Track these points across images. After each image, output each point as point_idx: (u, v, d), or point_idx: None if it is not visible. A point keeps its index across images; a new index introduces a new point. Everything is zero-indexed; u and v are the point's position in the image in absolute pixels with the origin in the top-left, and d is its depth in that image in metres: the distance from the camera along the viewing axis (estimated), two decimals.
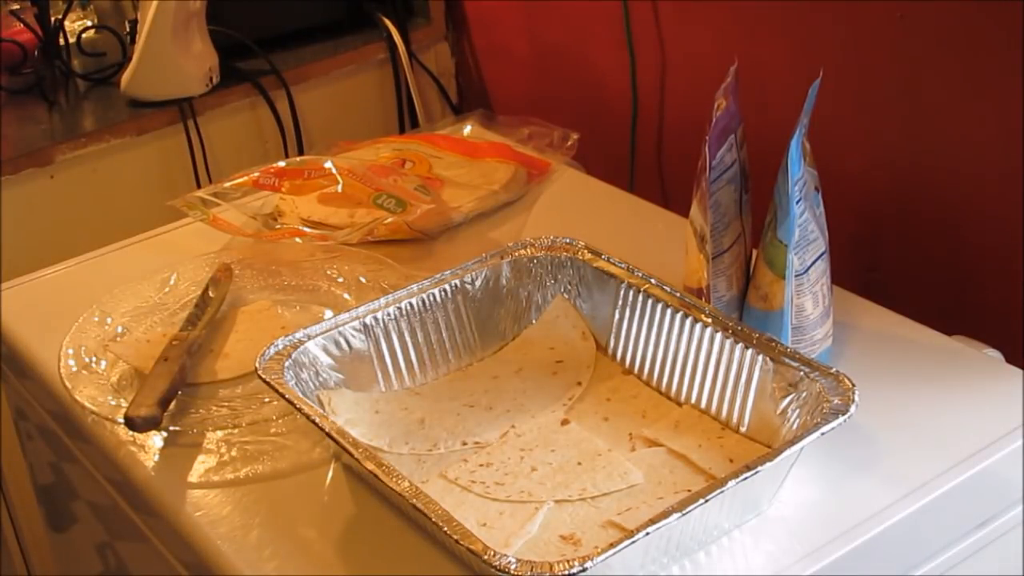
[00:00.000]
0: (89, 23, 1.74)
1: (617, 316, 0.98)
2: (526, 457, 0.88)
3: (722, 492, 0.75)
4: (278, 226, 1.25)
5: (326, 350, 0.93)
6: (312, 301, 1.11)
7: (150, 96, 1.59)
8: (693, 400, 0.93)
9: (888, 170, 1.21)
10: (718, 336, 0.91)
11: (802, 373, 0.85)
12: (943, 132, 1.13)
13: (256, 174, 1.26)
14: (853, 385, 0.82)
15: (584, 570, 0.69)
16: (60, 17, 1.67)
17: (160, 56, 1.56)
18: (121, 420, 0.94)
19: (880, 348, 1.02)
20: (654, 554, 0.77)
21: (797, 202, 0.91)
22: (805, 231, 0.92)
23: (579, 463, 0.87)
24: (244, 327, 1.08)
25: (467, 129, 1.44)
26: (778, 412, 0.86)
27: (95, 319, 1.09)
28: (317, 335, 0.92)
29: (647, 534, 0.71)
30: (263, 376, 0.88)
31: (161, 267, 1.16)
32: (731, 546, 0.81)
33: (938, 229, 1.17)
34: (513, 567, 0.70)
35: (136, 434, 0.95)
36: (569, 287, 1.02)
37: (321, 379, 0.92)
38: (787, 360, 0.86)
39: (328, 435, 0.82)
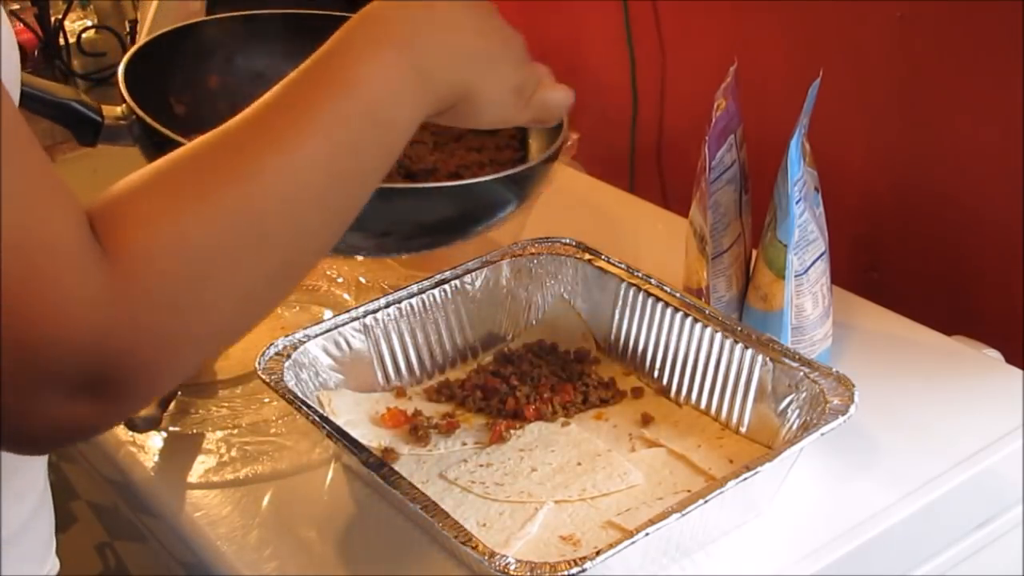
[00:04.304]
0: (89, 23, 1.74)
1: (617, 316, 0.98)
2: (526, 457, 0.88)
3: (722, 493, 0.75)
4: None
5: (326, 350, 0.93)
6: (312, 301, 1.12)
7: None
8: (693, 400, 0.93)
9: (888, 170, 1.21)
10: (718, 336, 0.91)
11: (802, 373, 0.85)
12: (943, 132, 1.13)
13: None
14: (853, 385, 0.82)
15: (583, 570, 0.69)
16: (60, 17, 1.67)
17: None
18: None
19: (880, 348, 1.02)
20: (654, 555, 0.77)
21: (797, 202, 0.91)
22: (805, 231, 0.92)
23: (579, 463, 0.87)
24: None
25: None
26: (778, 412, 0.86)
27: None
28: (317, 335, 0.92)
29: (647, 535, 0.71)
30: (263, 376, 0.88)
31: None
32: (731, 546, 0.81)
33: (938, 229, 1.17)
34: (513, 567, 0.70)
35: (136, 434, 0.95)
36: (569, 287, 1.02)
37: (321, 379, 0.92)
38: (787, 360, 0.86)
39: (328, 435, 0.82)
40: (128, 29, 1.69)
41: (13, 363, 0.44)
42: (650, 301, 0.96)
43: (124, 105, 0.85)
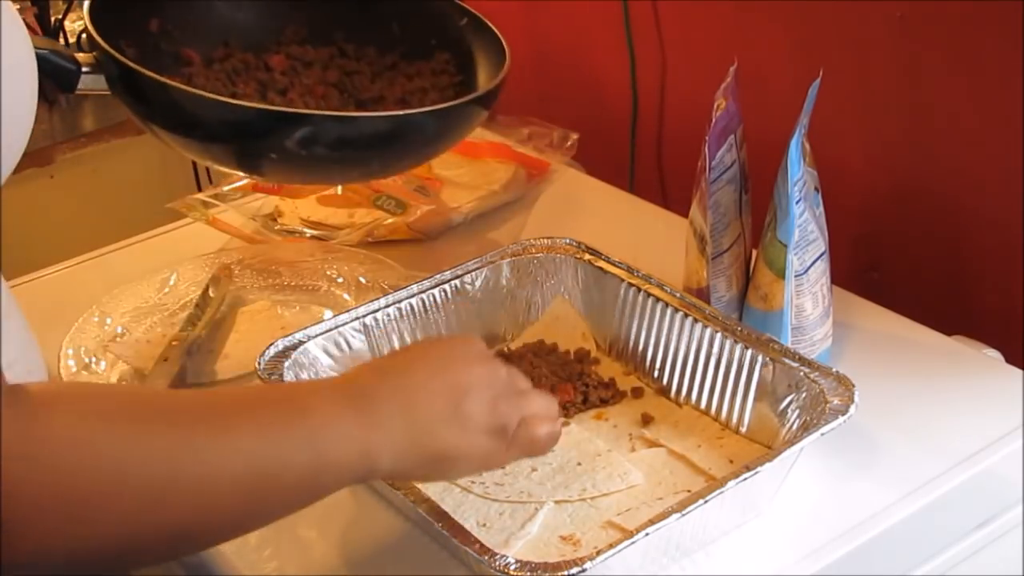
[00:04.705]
0: None
1: (617, 316, 0.98)
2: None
3: (722, 493, 0.75)
4: (277, 227, 1.25)
5: (326, 351, 0.93)
6: (312, 301, 1.12)
7: None
8: (693, 400, 0.93)
9: (888, 170, 1.21)
10: (718, 336, 0.91)
11: (802, 373, 0.85)
12: (943, 132, 1.13)
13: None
14: (853, 385, 0.82)
15: (583, 571, 0.69)
16: (60, 17, 1.67)
17: None
18: None
19: (880, 348, 1.02)
20: (654, 555, 0.77)
21: (797, 202, 0.91)
22: (805, 231, 0.92)
23: (579, 463, 0.87)
24: (244, 327, 1.08)
25: None
26: (778, 412, 0.86)
27: (95, 319, 1.09)
28: (317, 335, 0.92)
29: (647, 535, 0.71)
30: (263, 376, 0.88)
31: (161, 267, 1.16)
32: (731, 546, 0.81)
33: (938, 229, 1.17)
34: (513, 567, 0.70)
35: None
36: (569, 287, 1.02)
37: None
38: (787, 360, 0.86)
39: None
40: None
41: None
42: (650, 301, 0.96)
43: (94, 52, 0.91)
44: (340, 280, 1.14)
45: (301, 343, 0.91)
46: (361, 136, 0.98)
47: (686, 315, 0.93)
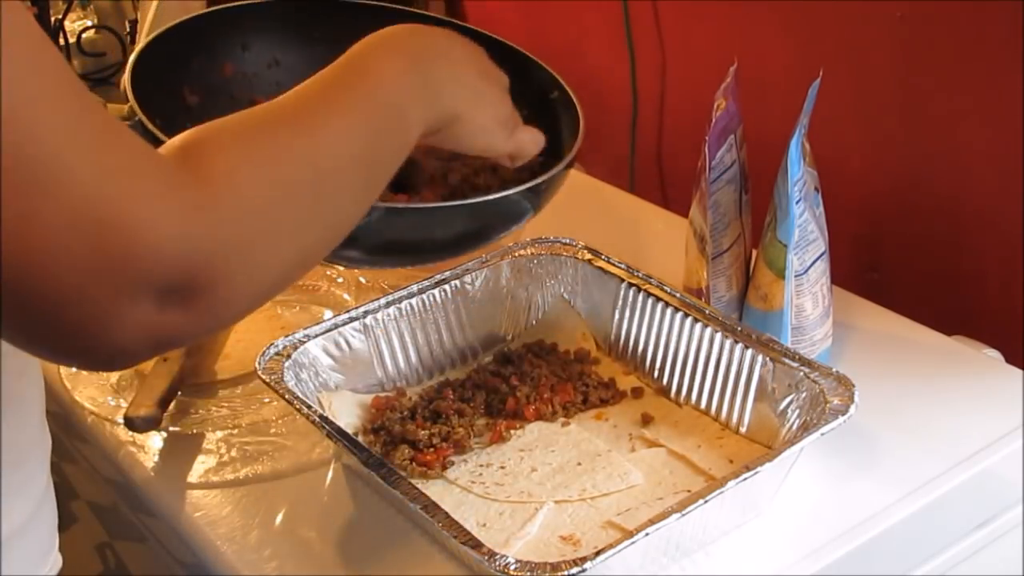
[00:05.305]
0: (89, 23, 1.74)
1: (617, 316, 0.98)
2: (526, 457, 0.88)
3: (721, 493, 0.75)
4: None
5: (326, 350, 0.93)
6: (312, 301, 1.12)
7: None
8: (693, 400, 0.93)
9: (888, 170, 1.21)
10: (718, 336, 0.91)
11: (802, 373, 0.85)
12: (943, 132, 1.13)
13: None
14: (853, 385, 0.82)
15: (583, 571, 0.69)
16: (60, 17, 1.67)
17: None
18: (121, 420, 0.94)
19: (880, 348, 1.02)
20: (654, 555, 0.77)
21: (797, 203, 0.91)
22: (805, 231, 0.92)
23: (579, 463, 0.87)
24: (244, 327, 1.08)
25: None
26: (778, 412, 0.86)
27: None
28: (317, 335, 0.92)
29: (647, 535, 0.71)
30: (263, 376, 0.88)
31: None
32: (731, 546, 0.81)
33: (938, 229, 1.17)
34: (513, 567, 0.70)
35: (136, 434, 0.95)
36: (569, 287, 1.02)
37: (321, 379, 0.92)
38: (787, 360, 0.86)
39: (329, 435, 0.82)
40: (128, 29, 1.69)
41: (108, 277, 0.49)
42: (650, 301, 0.96)
43: (128, 106, 0.85)
44: (340, 280, 1.14)
45: (301, 343, 0.91)
46: (427, 231, 0.79)
47: (686, 315, 0.93)
